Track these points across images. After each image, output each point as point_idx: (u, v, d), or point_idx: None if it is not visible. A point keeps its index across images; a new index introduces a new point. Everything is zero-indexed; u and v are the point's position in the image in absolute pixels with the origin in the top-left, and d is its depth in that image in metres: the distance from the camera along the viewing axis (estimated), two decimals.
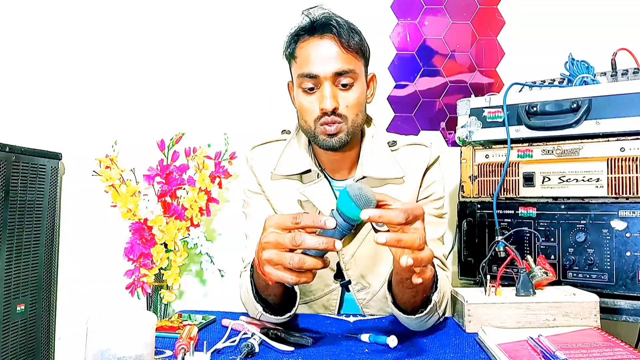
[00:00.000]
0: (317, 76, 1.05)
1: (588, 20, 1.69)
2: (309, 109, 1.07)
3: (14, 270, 1.34)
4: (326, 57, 1.04)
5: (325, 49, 1.05)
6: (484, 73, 1.76)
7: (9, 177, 1.30)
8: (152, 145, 1.64)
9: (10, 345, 1.26)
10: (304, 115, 1.09)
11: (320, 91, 1.05)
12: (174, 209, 1.59)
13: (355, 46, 1.06)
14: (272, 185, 1.17)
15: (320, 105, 1.05)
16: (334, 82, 1.05)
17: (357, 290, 1.16)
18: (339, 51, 1.05)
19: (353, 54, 1.06)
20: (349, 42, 1.05)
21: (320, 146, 1.10)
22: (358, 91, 1.07)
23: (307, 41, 1.07)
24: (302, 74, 1.06)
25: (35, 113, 1.80)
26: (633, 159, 1.12)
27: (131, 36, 1.80)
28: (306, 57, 1.06)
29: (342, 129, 1.06)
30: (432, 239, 1.11)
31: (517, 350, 0.83)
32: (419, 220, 0.77)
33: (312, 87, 1.06)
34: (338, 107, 1.05)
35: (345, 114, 1.06)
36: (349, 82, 1.06)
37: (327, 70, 1.04)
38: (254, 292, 0.94)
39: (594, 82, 1.26)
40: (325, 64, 1.04)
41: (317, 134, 1.08)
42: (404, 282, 0.89)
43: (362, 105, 1.10)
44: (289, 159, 1.17)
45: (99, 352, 0.67)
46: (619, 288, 1.11)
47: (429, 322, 0.97)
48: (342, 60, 1.04)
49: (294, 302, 0.96)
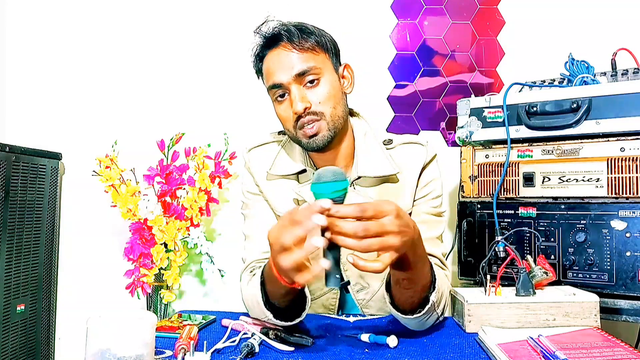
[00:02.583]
0: (281, 84, 1.07)
1: (588, 20, 1.68)
2: (285, 117, 1.10)
3: (14, 270, 1.34)
4: (284, 63, 1.07)
5: (282, 56, 1.08)
6: (484, 73, 1.76)
7: (9, 177, 1.30)
8: (152, 145, 1.64)
9: (10, 345, 1.26)
10: (284, 123, 1.12)
11: (289, 96, 1.08)
12: (174, 209, 1.58)
13: (309, 45, 1.08)
14: (269, 185, 1.18)
15: (293, 110, 1.07)
16: (301, 83, 1.07)
17: (356, 290, 1.16)
18: (294, 54, 1.07)
19: (310, 51, 1.08)
20: (301, 43, 1.07)
21: (306, 149, 1.12)
22: (327, 84, 1.08)
23: (266, 56, 1.11)
24: (269, 87, 1.10)
25: (35, 113, 1.80)
26: (633, 159, 1.12)
27: (131, 36, 1.80)
28: (268, 70, 1.10)
29: (322, 127, 1.07)
30: (430, 237, 1.11)
31: (517, 350, 0.83)
32: (388, 215, 0.77)
33: (282, 94, 1.09)
34: (310, 105, 1.06)
35: (320, 110, 1.07)
36: (314, 77, 1.07)
37: (288, 76, 1.06)
38: (264, 300, 0.94)
39: (594, 82, 1.26)
40: (284, 70, 1.07)
41: (300, 138, 1.10)
42: (400, 283, 0.89)
43: (338, 98, 1.10)
44: (284, 159, 1.18)
45: (99, 352, 0.68)
46: (619, 288, 1.11)
47: (428, 322, 0.97)
48: (299, 61, 1.07)
49: (303, 306, 0.96)
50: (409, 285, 0.89)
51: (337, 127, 1.10)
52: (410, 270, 0.86)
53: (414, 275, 0.88)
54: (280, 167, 1.17)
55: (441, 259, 1.12)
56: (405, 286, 0.89)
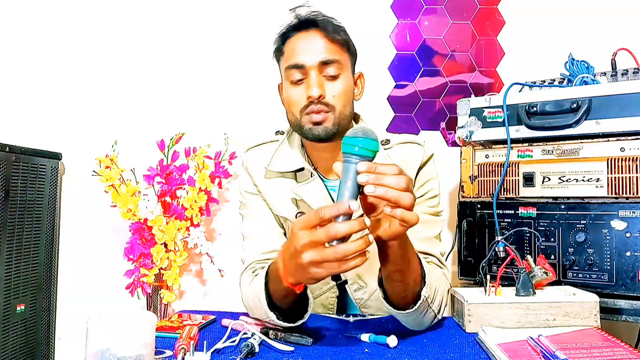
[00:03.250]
0: (303, 66, 1.07)
1: (588, 20, 1.68)
2: (296, 100, 1.09)
3: (14, 270, 1.34)
4: (312, 47, 1.08)
5: (311, 40, 1.09)
6: (484, 73, 1.76)
7: (9, 177, 1.30)
8: (152, 145, 1.64)
9: (10, 345, 1.26)
10: (291, 107, 1.11)
11: (307, 80, 1.08)
12: (174, 209, 1.59)
13: (340, 40, 1.10)
14: (267, 184, 1.18)
15: (307, 93, 1.07)
16: (321, 72, 1.08)
17: (354, 290, 1.16)
18: (325, 42, 1.08)
19: (338, 45, 1.10)
20: (333, 35, 1.09)
21: (307, 136, 1.11)
22: (345, 83, 1.10)
23: (293, 37, 1.11)
24: (289, 66, 1.09)
25: (35, 113, 1.80)
26: (633, 159, 1.12)
27: (131, 36, 1.80)
28: (293, 49, 1.10)
29: (329, 118, 1.08)
30: (428, 237, 1.11)
31: (517, 350, 0.83)
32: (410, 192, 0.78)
33: (299, 78, 1.08)
34: (324, 95, 1.07)
35: (332, 103, 1.08)
36: (336, 72, 1.08)
37: (313, 60, 1.07)
38: (267, 301, 0.94)
39: (594, 82, 1.26)
40: (311, 54, 1.07)
41: (303, 124, 1.09)
42: (392, 276, 0.89)
43: (349, 98, 1.12)
44: (282, 156, 1.18)
45: (99, 352, 0.68)
46: (619, 288, 1.11)
47: (425, 320, 0.97)
48: (327, 51, 1.08)
49: (305, 308, 0.96)
50: (401, 278, 0.89)
51: (342, 125, 1.10)
52: (400, 261, 0.86)
53: (404, 266, 0.88)
54: (279, 164, 1.17)
55: (439, 258, 1.12)
56: (397, 279, 0.89)
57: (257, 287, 0.96)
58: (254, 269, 1.10)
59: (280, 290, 0.90)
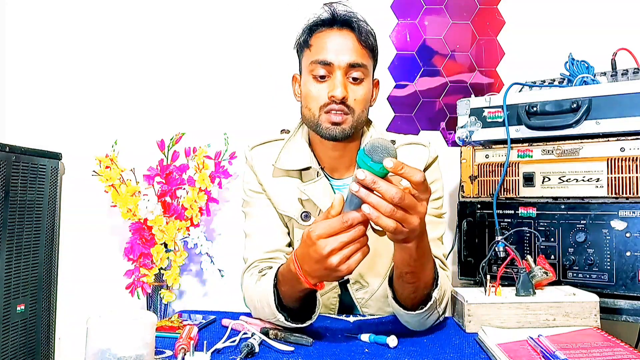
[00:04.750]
0: (331, 64, 1.06)
1: (588, 20, 1.68)
2: (316, 96, 1.08)
3: (14, 270, 1.34)
4: (343, 47, 1.07)
5: (343, 39, 1.08)
6: (484, 73, 1.76)
7: (9, 177, 1.30)
8: (152, 145, 1.64)
9: (10, 345, 1.26)
10: (310, 102, 1.09)
11: (331, 79, 1.07)
12: (174, 209, 1.59)
13: (370, 45, 1.10)
14: (272, 183, 1.17)
15: (330, 93, 1.06)
16: (346, 74, 1.07)
17: (355, 289, 1.16)
18: (356, 45, 1.08)
19: (367, 51, 1.09)
20: (366, 39, 1.08)
21: (323, 135, 1.09)
22: (366, 88, 1.10)
23: (324, 32, 1.10)
24: (315, 61, 1.08)
25: (35, 113, 1.80)
26: (633, 159, 1.12)
27: (131, 36, 1.80)
28: (322, 45, 1.08)
29: (348, 120, 1.07)
30: (431, 238, 1.10)
31: (517, 350, 0.83)
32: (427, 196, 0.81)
33: (323, 74, 1.07)
34: (347, 97, 1.06)
35: (353, 106, 1.07)
36: (360, 76, 1.08)
37: (342, 60, 1.06)
38: (276, 302, 0.94)
39: (594, 82, 1.26)
40: (341, 54, 1.06)
41: (320, 122, 1.08)
42: (404, 277, 0.89)
43: (367, 104, 1.12)
44: (290, 154, 1.17)
45: (99, 352, 0.68)
46: (619, 288, 1.11)
47: (429, 321, 0.97)
48: (357, 54, 1.07)
49: (312, 309, 0.96)
50: (412, 279, 0.89)
51: (357, 129, 1.11)
52: (414, 264, 0.87)
53: (417, 269, 0.88)
54: (287, 161, 1.15)
55: (442, 260, 1.12)
56: (409, 280, 0.90)
57: (266, 288, 0.96)
58: (258, 268, 1.09)
59: (295, 292, 0.91)
